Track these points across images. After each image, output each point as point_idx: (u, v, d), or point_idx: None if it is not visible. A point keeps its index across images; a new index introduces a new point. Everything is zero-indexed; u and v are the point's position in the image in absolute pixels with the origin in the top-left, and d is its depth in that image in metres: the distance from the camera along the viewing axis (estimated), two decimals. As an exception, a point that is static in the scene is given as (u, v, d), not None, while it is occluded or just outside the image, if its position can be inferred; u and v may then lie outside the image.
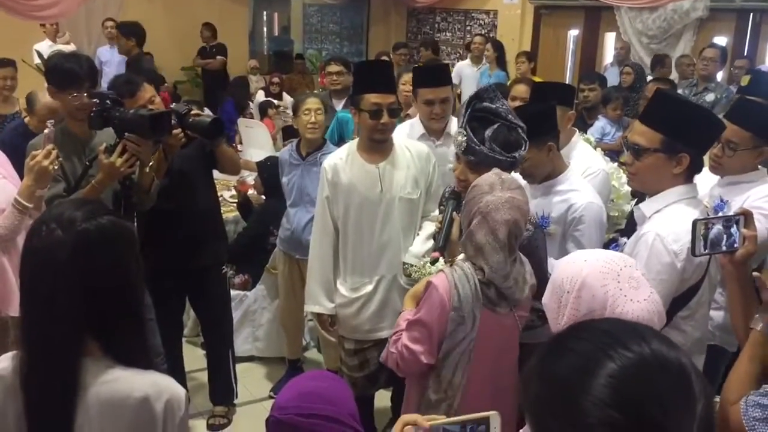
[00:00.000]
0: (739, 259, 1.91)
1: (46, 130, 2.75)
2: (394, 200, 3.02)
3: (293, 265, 3.96)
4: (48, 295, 1.42)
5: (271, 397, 4.15)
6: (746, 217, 1.93)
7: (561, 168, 2.82)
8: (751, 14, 7.45)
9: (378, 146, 3.03)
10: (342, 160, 3.09)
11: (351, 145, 3.14)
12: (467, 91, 7.64)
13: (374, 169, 3.02)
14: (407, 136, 3.50)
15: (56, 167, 2.65)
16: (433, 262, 2.63)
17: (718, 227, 1.88)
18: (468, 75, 8.14)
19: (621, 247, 2.39)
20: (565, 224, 2.74)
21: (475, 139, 2.49)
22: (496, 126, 2.49)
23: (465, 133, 2.51)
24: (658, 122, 2.20)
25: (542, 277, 2.35)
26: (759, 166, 2.73)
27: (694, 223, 1.84)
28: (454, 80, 7.73)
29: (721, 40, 7.84)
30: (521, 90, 4.09)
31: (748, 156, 2.65)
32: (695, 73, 6.29)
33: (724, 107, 4.69)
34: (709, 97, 5.70)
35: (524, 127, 2.55)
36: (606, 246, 2.70)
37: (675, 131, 2.17)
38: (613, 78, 7.31)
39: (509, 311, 2.23)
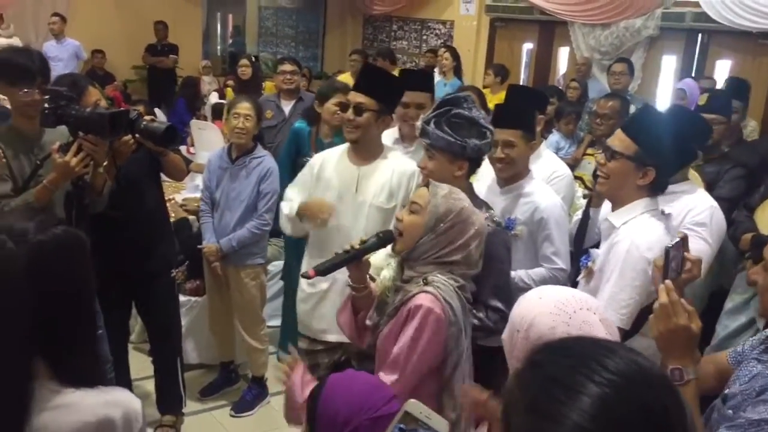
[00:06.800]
0: (679, 284, 1.80)
1: None
2: (365, 205, 3.03)
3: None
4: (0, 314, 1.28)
5: (198, 399, 4.09)
6: (683, 240, 1.92)
7: (524, 173, 2.99)
8: (700, 34, 7.64)
9: (358, 147, 3.06)
10: (333, 155, 3.15)
11: (347, 146, 3.15)
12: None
13: (355, 170, 3.05)
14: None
15: (3, 161, 2.55)
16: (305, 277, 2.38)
17: (676, 252, 1.88)
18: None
19: (592, 257, 2.43)
20: (532, 225, 2.87)
21: (427, 126, 2.59)
22: (452, 114, 2.55)
23: (424, 120, 2.62)
24: (636, 133, 2.31)
25: (505, 280, 2.56)
26: (689, 176, 2.95)
27: (667, 250, 1.85)
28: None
29: (670, 59, 8.04)
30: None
31: None
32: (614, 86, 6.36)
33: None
34: (631, 108, 5.80)
35: (492, 131, 2.65)
36: (578, 257, 2.71)
37: (648, 145, 2.28)
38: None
39: None
